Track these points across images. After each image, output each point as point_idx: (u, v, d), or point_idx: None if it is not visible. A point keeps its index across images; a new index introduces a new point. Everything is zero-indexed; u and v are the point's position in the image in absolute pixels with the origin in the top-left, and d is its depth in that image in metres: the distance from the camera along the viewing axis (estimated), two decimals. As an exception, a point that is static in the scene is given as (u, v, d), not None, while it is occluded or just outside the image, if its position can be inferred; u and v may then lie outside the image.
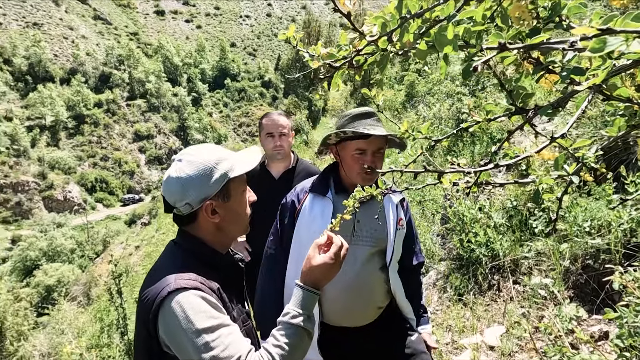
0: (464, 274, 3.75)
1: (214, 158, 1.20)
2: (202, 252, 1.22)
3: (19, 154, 62.74)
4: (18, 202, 58.43)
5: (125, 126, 77.80)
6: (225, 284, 1.22)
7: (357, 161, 1.74)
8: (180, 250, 1.22)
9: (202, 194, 1.17)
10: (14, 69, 75.68)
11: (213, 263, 1.22)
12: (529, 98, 0.72)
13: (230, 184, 1.21)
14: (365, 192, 0.94)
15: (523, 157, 0.72)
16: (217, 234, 1.25)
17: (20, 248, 43.96)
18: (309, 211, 1.81)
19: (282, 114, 2.76)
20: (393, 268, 1.83)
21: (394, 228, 1.83)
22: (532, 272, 3.29)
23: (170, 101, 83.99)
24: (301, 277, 1.17)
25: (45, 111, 69.27)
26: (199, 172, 1.17)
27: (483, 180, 0.78)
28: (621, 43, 0.45)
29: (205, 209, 1.19)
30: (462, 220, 4.01)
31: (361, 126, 1.72)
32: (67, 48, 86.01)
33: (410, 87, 12.92)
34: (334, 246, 1.19)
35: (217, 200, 1.20)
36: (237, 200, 1.25)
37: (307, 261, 1.18)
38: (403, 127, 0.87)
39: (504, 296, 3.34)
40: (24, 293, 15.46)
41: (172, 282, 1.07)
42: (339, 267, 1.19)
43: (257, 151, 1.30)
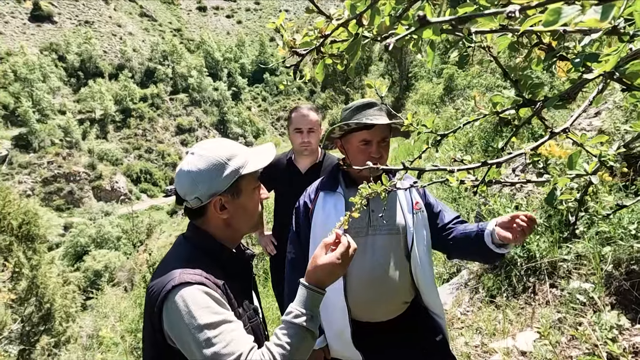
0: (497, 274, 3.60)
1: (227, 153, 1.18)
2: (209, 247, 1.22)
3: (71, 146, 66.48)
4: (70, 191, 62.02)
5: (168, 120, 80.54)
6: (232, 279, 1.21)
7: (363, 152, 1.71)
8: (189, 244, 1.23)
9: (211, 189, 1.16)
10: (68, 65, 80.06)
11: (220, 258, 1.22)
12: (539, 88, 0.65)
13: (242, 181, 1.20)
14: (371, 189, 0.89)
15: (515, 154, 0.64)
16: (226, 230, 1.24)
17: (71, 234, 46.73)
18: (322, 209, 1.78)
19: (312, 108, 2.73)
20: (416, 256, 1.75)
21: (410, 212, 1.77)
22: (571, 275, 3.11)
23: (211, 95, 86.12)
24: (306, 276, 1.14)
25: (95, 105, 72.96)
26: (210, 166, 1.16)
27: (493, 178, 0.71)
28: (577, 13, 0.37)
29: (214, 204, 1.19)
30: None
31: (364, 117, 1.69)
32: (116, 45, 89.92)
33: (449, 80, 12.54)
34: (340, 246, 1.15)
35: (227, 196, 1.19)
36: (247, 197, 1.23)
37: (312, 260, 1.15)
38: (407, 121, 0.81)
39: (539, 300, 3.17)
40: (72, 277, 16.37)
41: (177, 276, 1.08)
42: (345, 267, 1.15)
43: (271, 148, 1.28)
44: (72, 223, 53.65)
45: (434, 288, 1.83)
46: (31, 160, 62.43)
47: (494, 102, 0.71)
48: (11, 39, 79.96)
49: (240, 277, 1.28)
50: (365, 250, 1.74)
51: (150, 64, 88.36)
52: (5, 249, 6.38)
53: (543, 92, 0.63)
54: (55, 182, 61.66)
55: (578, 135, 0.65)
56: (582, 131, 4.49)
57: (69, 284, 13.65)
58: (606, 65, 0.46)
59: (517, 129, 0.65)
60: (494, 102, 0.71)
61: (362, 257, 1.74)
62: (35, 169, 61.85)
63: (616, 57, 0.45)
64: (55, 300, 9.09)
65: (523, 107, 0.68)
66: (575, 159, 0.63)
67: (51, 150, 64.05)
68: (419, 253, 1.75)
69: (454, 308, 3.67)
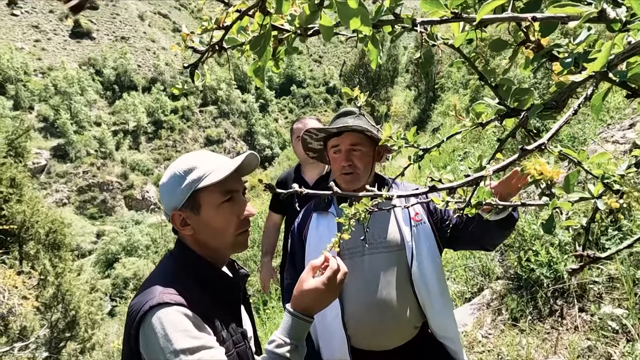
0: (522, 295, 3.39)
1: (186, 166, 1.12)
2: (194, 265, 1.14)
3: (105, 156, 68.99)
4: (103, 200, 64.21)
5: (197, 131, 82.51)
6: (219, 300, 1.13)
7: (335, 161, 1.66)
8: (174, 260, 1.16)
9: (170, 203, 1.12)
10: (104, 79, 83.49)
11: (204, 276, 1.14)
12: (525, 95, 0.54)
13: (200, 195, 1.11)
14: (353, 210, 0.80)
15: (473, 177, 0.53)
16: (200, 247, 1.16)
17: (103, 242, 48.23)
18: (316, 230, 1.69)
19: (314, 118, 2.69)
20: (418, 273, 1.60)
21: (407, 224, 1.64)
22: (602, 299, 2.88)
23: (239, 107, 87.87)
24: (291, 302, 1.06)
25: (129, 117, 75.71)
26: (169, 180, 1.12)
27: (483, 200, 0.61)
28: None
29: (172, 219, 1.13)
30: (521, 236, 3.65)
31: (334, 125, 1.65)
32: (149, 59, 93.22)
33: (476, 92, 12.27)
34: (328, 270, 1.06)
35: (186, 211, 1.12)
36: (210, 212, 1.12)
37: (298, 284, 1.07)
38: (384, 134, 0.71)
39: (566, 325, 2.95)
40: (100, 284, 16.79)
41: (156, 296, 1.01)
42: (334, 293, 1.06)
43: (239, 158, 1.16)
44: (104, 231, 55.41)
45: (444, 309, 1.64)
46: (68, 169, 65.15)
47: (477, 112, 0.61)
48: (53, 54, 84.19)
49: (227, 298, 1.19)
50: (362, 272, 1.62)
51: (181, 77, 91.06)
52: (33, 257, 6.57)
53: (532, 99, 0.53)
54: (90, 191, 63.99)
55: (575, 152, 0.54)
56: (614, 144, 4.22)
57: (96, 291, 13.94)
58: (594, 64, 0.36)
59: (502, 144, 0.55)
60: (477, 112, 0.61)
61: (360, 279, 1.61)
62: (71, 178, 64.48)
63: (606, 54, 0.36)
64: (80, 307, 9.27)
65: (508, 118, 0.57)
66: (573, 181, 0.52)
67: (86, 160, 66.72)
68: (421, 270, 1.60)
69: (475, 330, 3.47)
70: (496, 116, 0.58)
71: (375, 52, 0.53)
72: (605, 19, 0.39)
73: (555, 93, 0.50)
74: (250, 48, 0.59)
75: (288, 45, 0.59)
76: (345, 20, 0.47)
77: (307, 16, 0.50)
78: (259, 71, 0.64)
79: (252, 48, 0.58)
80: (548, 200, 0.55)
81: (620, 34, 0.39)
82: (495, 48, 0.55)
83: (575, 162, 0.55)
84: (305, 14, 0.51)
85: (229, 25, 0.58)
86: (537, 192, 0.66)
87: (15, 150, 7.35)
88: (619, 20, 0.39)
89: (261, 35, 0.56)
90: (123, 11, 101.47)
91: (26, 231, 6.40)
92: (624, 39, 0.40)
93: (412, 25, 0.51)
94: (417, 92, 26.09)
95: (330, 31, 0.50)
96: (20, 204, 6.32)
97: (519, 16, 0.45)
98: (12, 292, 6.12)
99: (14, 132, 6.97)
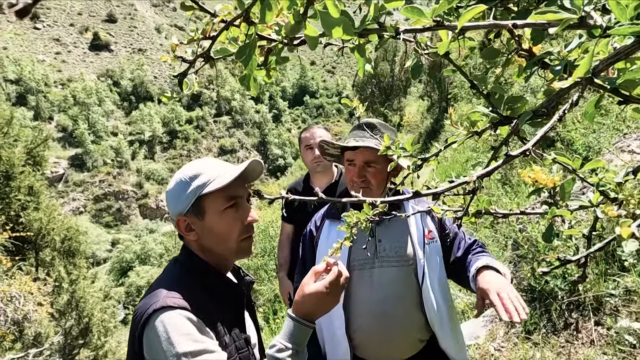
0: (536, 308, 3.31)
1: (192, 173, 1.14)
2: (198, 270, 1.16)
3: (121, 166, 70.20)
4: (119, 208, 65.16)
5: (211, 141, 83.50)
6: (223, 306, 1.14)
7: (349, 173, 1.66)
8: (179, 266, 1.18)
9: (176, 209, 1.14)
10: (121, 90, 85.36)
11: (209, 283, 1.16)
12: (518, 103, 0.54)
13: (204, 201, 1.13)
14: (355, 218, 0.80)
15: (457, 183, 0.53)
16: (206, 253, 1.18)
17: (118, 250, 48.79)
18: (327, 238, 1.69)
19: (322, 127, 2.69)
20: (428, 290, 1.59)
21: (420, 242, 1.62)
22: (619, 313, 2.80)
23: (252, 118, 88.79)
24: (293, 307, 1.06)
25: (144, 127, 77.10)
26: (175, 186, 1.14)
27: (482, 208, 0.60)
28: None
29: (177, 224, 1.15)
30: (534, 246, 3.58)
31: (352, 137, 1.65)
32: (165, 70, 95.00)
33: (489, 101, 12.15)
34: (330, 274, 1.07)
35: (191, 216, 1.14)
36: (214, 218, 1.14)
37: (300, 289, 1.07)
38: (384, 143, 0.72)
39: (582, 339, 2.88)
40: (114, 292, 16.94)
41: (160, 300, 1.02)
42: (335, 298, 1.07)
43: (244, 164, 1.17)
44: (119, 239, 56.12)
45: (450, 327, 1.63)
46: (84, 178, 66.41)
47: (473, 120, 0.61)
48: (73, 66, 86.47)
49: (231, 304, 1.20)
50: (371, 284, 1.61)
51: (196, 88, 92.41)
52: (48, 264, 6.68)
53: (526, 106, 0.53)
54: (105, 200, 65.04)
55: (570, 159, 0.53)
56: (631, 153, 4.14)
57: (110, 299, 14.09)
58: (578, 70, 0.36)
59: (496, 152, 0.55)
60: (473, 121, 0.61)
61: (369, 291, 1.61)
62: (88, 187, 65.69)
63: (589, 60, 0.35)
64: (93, 314, 9.36)
65: (502, 125, 0.57)
66: (569, 189, 0.51)
67: (103, 170, 67.97)
68: (431, 287, 1.59)
69: (488, 343, 3.40)
70: (490, 125, 0.58)
71: (362, 60, 0.54)
72: (586, 25, 0.39)
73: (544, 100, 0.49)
74: (235, 57, 0.59)
75: (277, 55, 0.60)
76: (328, 30, 0.48)
77: (292, 26, 0.51)
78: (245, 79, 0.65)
79: (238, 57, 0.59)
80: (548, 208, 0.54)
81: (605, 40, 0.39)
82: (488, 57, 0.55)
83: (570, 170, 0.54)
84: (291, 23, 0.52)
85: (216, 36, 0.60)
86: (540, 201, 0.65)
87: (34, 159, 7.52)
88: (599, 26, 0.39)
89: (246, 45, 0.57)
90: (140, 24, 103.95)
91: (42, 238, 6.53)
92: (608, 44, 0.40)
93: (395, 33, 0.51)
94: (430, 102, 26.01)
95: (316, 40, 0.51)
96: (38, 212, 6.46)
97: (499, 23, 0.46)
98: (28, 299, 6.22)
99: (33, 142, 7.16)
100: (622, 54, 0.40)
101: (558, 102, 0.49)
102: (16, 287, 5.79)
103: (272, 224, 7.55)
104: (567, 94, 0.46)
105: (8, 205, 6.50)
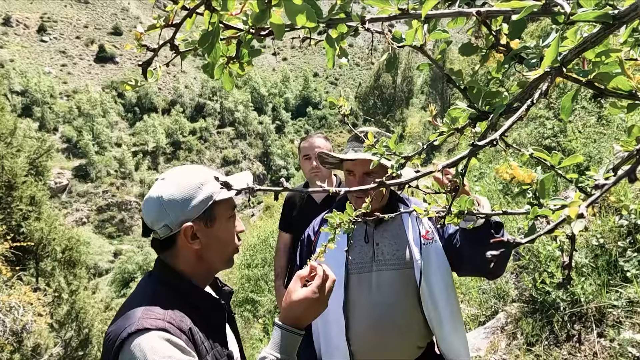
0: (537, 319, 3.27)
1: (200, 179, 1.10)
2: (177, 285, 1.09)
3: (124, 176, 70.48)
4: (121, 219, 65.23)
5: (215, 152, 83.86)
6: (203, 322, 1.08)
7: (349, 183, 1.67)
8: (154, 282, 1.11)
9: (182, 216, 1.06)
10: (126, 102, 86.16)
11: (189, 298, 1.09)
12: (496, 97, 0.53)
13: (216, 207, 1.11)
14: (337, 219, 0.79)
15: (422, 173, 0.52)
16: (197, 264, 1.12)
17: (120, 261, 48.72)
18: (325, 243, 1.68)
19: (321, 136, 2.69)
20: (427, 292, 1.57)
21: (417, 243, 1.61)
22: (622, 324, 2.75)
23: (255, 129, 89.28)
24: (280, 315, 1.03)
25: (148, 138, 77.59)
26: (182, 191, 1.07)
27: (465, 209, 0.59)
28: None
29: (184, 231, 1.07)
30: (536, 257, 3.54)
31: (350, 148, 1.66)
32: (169, 82, 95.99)
33: (491, 112, 12.18)
34: (316, 278, 1.04)
35: (199, 223, 1.09)
36: (221, 226, 1.13)
37: (286, 296, 1.05)
38: (367, 142, 0.71)
39: (585, 351, 2.83)
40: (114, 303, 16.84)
41: (135, 322, 0.96)
42: (323, 302, 1.04)
43: (248, 175, 1.17)
44: (121, 250, 56.09)
45: (453, 330, 1.59)
46: (88, 189, 66.65)
47: (453, 117, 0.60)
48: (78, 78, 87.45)
49: (212, 319, 1.14)
50: (370, 288, 1.60)
51: (200, 99, 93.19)
52: (49, 274, 6.66)
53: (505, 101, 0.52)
54: (109, 211, 65.17)
55: (549, 155, 0.52)
56: (632, 163, 4.12)
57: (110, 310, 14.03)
58: (545, 59, 0.35)
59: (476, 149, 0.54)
60: (453, 117, 0.60)
61: (367, 295, 1.59)
62: (91, 197, 65.89)
63: (554, 48, 0.35)
64: (94, 325, 9.32)
65: (480, 121, 0.56)
66: (548, 185, 0.50)
67: (106, 180, 68.25)
68: (430, 289, 1.57)
69: (489, 355, 3.35)
70: (469, 121, 0.57)
71: (331, 51, 0.54)
72: (549, 11, 0.39)
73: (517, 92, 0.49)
74: (198, 44, 0.59)
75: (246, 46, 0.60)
76: (291, 17, 0.47)
77: (257, 14, 0.50)
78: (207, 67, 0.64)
79: (201, 45, 0.58)
80: (530, 208, 0.53)
81: (573, 29, 0.38)
82: (465, 52, 0.54)
83: (548, 166, 0.53)
84: (255, 12, 0.51)
85: (179, 24, 0.60)
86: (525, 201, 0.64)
87: (36, 169, 7.56)
88: (562, 13, 0.38)
89: (209, 33, 0.57)
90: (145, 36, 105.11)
91: (43, 248, 6.52)
92: (577, 33, 0.39)
93: (361, 22, 0.51)
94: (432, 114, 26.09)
95: (282, 29, 0.50)
96: (39, 222, 6.46)
97: (464, 11, 0.45)
98: (27, 309, 6.19)
99: (36, 152, 7.20)
100: (588, 42, 0.39)
101: (529, 96, 0.48)
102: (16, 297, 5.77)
103: (272, 234, 7.53)
104: (539, 85, 0.45)
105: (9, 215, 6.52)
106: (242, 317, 6.31)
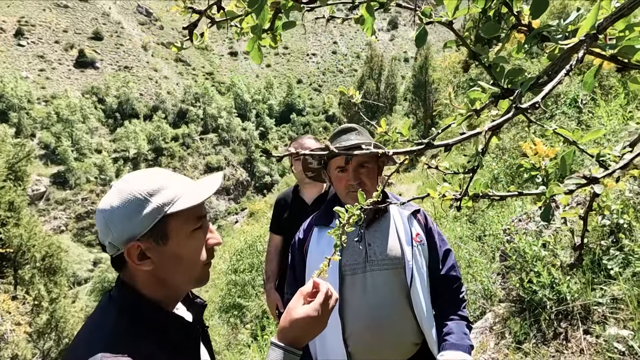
0: (525, 318, 3.32)
1: (149, 187, 0.91)
2: (139, 310, 0.93)
3: (105, 183, 69.04)
4: (101, 227, 63.87)
5: (198, 158, 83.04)
6: (175, 347, 0.96)
7: (340, 180, 1.63)
8: (114, 307, 0.94)
9: (125, 232, 0.89)
10: (106, 107, 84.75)
11: (155, 324, 0.94)
12: (519, 75, 0.55)
13: (169, 222, 0.92)
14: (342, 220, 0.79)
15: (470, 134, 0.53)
16: (157, 286, 0.95)
17: (100, 270, 47.62)
18: (317, 245, 1.67)
19: (311, 137, 2.70)
20: (417, 292, 1.59)
21: (409, 243, 1.63)
22: (607, 321, 2.82)
23: (239, 135, 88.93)
24: (279, 334, 0.94)
25: (130, 144, 76.36)
26: (125, 203, 0.89)
27: (479, 192, 0.60)
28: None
29: (128, 253, 0.89)
30: (522, 257, 3.61)
31: (337, 142, 1.63)
32: (152, 87, 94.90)
33: (474, 118, 12.40)
34: (319, 295, 0.96)
35: (148, 241, 0.90)
36: (179, 242, 0.94)
37: (286, 313, 0.96)
38: (380, 129, 0.72)
39: (572, 348, 2.89)
40: (95, 312, 16.39)
41: None
42: (323, 322, 0.96)
43: (218, 178, 1.03)
44: (101, 258, 54.81)
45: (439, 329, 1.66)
46: (67, 196, 65.09)
47: (472, 98, 0.61)
48: (57, 83, 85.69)
49: (184, 342, 1.01)
50: (364, 289, 1.60)
51: (183, 105, 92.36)
52: (28, 282, 6.47)
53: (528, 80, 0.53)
54: (88, 218, 63.68)
55: (570, 131, 0.54)
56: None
57: (91, 319, 13.67)
58: (583, 26, 0.37)
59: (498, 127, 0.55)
60: (472, 99, 0.61)
61: (361, 297, 1.60)
62: (70, 205, 64.37)
63: (594, 15, 0.36)
64: (74, 335, 9.09)
65: (502, 99, 0.58)
66: (569, 160, 0.52)
67: (86, 187, 66.78)
68: (420, 289, 1.60)
69: (479, 354, 3.39)
70: (491, 99, 0.58)
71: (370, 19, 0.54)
72: None
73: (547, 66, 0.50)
74: (248, 6, 0.59)
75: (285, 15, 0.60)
76: None
77: None
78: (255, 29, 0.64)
79: (250, 5, 0.58)
80: (545, 189, 0.54)
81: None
82: (487, 32, 0.56)
83: (570, 142, 0.55)
84: None
85: None
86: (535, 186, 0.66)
87: (15, 174, 7.36)
88: None
89: None
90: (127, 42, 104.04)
91: (22, 255, 6.33)
92: (611, 3, 0.41)
93: None
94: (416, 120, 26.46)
95: None
96: (18, 228, 6.28)
97: None
98: (5, 318, 5.99)
99: (15, 156, 7.01)
100: (625, 8, 0.41)
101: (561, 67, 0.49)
102: (-7, 306, 5.59)
103: (259, 238, 7.47)
104: (570, 56, 0.47)
105: (-13, 221, 6.32)
106: (228, 323, 6.23)
